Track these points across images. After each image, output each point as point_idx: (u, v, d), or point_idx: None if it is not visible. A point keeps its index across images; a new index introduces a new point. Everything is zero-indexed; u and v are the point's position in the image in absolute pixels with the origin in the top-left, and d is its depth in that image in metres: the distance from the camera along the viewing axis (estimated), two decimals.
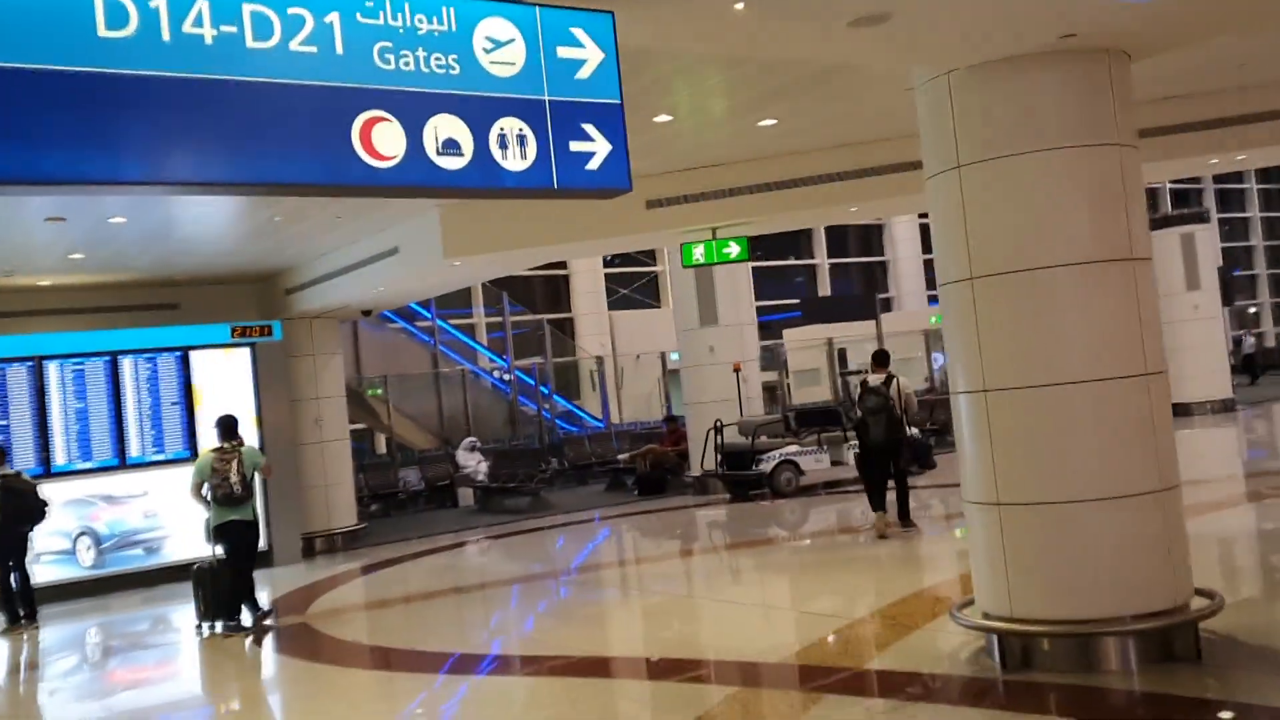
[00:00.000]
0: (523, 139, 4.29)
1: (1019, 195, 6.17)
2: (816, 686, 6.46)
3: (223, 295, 15.50)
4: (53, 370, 12.84)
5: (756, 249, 11.74)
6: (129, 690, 8.60)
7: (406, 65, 4.09)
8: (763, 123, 9.34)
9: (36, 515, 10.77)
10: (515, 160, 4.27)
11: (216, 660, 9.25)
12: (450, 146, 4.15)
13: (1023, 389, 6.16)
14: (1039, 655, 6.16)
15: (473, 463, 18.42)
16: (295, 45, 3.88)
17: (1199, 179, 38.20)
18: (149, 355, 13.33)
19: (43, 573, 12.03)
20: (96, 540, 12.85)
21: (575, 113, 4.40)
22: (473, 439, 19.19)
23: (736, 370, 15.99)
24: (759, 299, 19.47)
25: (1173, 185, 38.13)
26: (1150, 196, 34.37)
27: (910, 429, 11.25)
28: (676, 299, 16.88)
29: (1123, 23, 5.63)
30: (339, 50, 3.96)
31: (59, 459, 12.76)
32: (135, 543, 13.10)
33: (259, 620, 9.79)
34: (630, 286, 28.82)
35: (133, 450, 13.13)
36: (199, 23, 3.71)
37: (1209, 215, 25.81)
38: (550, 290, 27.80)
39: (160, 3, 3.63)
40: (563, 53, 4.40)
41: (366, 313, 16.67)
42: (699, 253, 11.34)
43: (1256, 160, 14.72)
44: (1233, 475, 14.38)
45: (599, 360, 24.11)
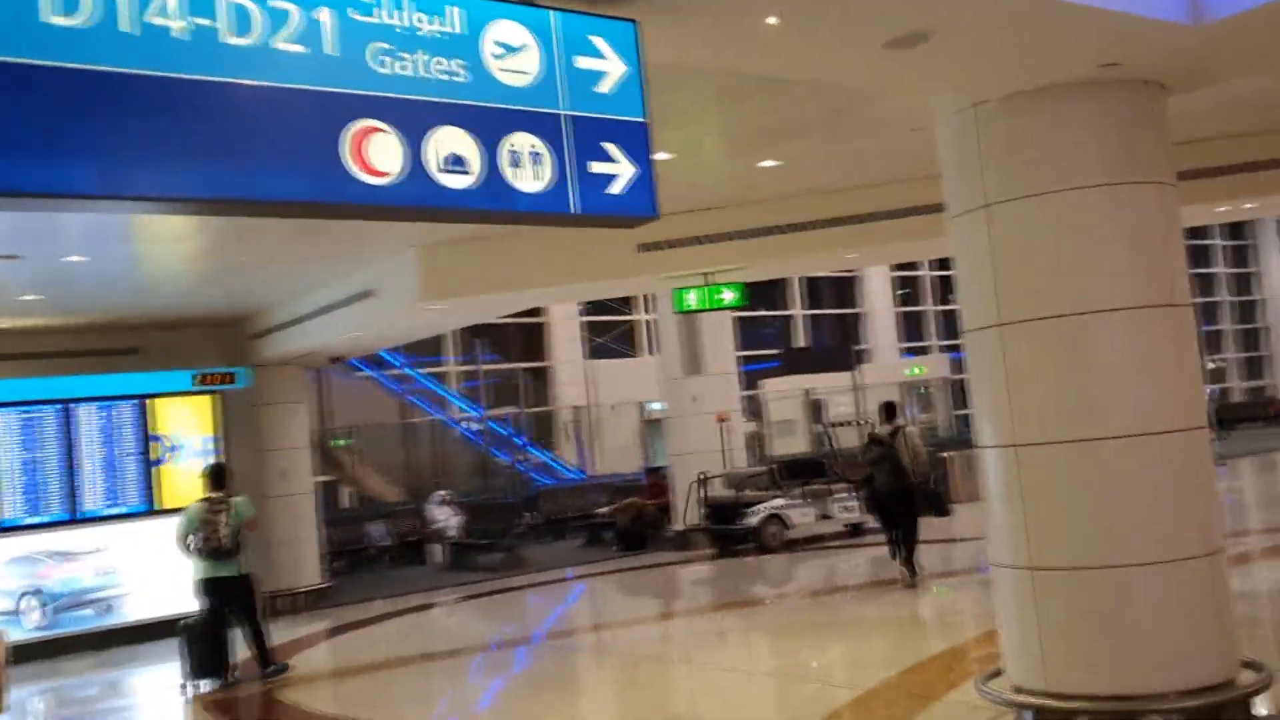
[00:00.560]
0: (537, 157, 3.79)
1: (1053, 235, 5.74)
2: None
3: (185, 340, 14.81)
4: None
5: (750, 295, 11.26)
6: None
7: (405, 70, 3.59)
8: (764, 163, 8.91)
9: None
10: (529, 181, 3.76)
11: None
12: (455, 163, 3.64)
13: (1057, 444, 5.68)
14: None
15: (443, 517, 17.76)
16: (279, 43, 3.37)
17: None
18: (105, 403, 12.65)
19: None
20: (45, 599, 12.07)
21: (596, 130, 3.91)
22: (444, 492, 18.54)
23: (721, 420, 15.51)
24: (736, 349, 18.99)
25: None
26: None
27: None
28: (661, 347, 16.42)
29: (1171, 50, 5.23)
30: (329, 50, 3.45)
31: (3, 513, 12.01)
32: (88, 602, 12.31)
33: (269, 676, 9.35)
34: (607, 335, 28.33)
35: (86, 504, 12.40)
36: (165, 12, 3.19)
37: None
38: (526, 338, 27.25)
39: None
40: (581, 63, 3.91)
41: (335, 360, 16.07)
42: (692, 298, 10.85)
43: (1267, 209, 14.49)
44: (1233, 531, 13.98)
45: (576, 410, 23.52)
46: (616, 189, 3.93)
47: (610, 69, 3.97)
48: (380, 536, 18.11)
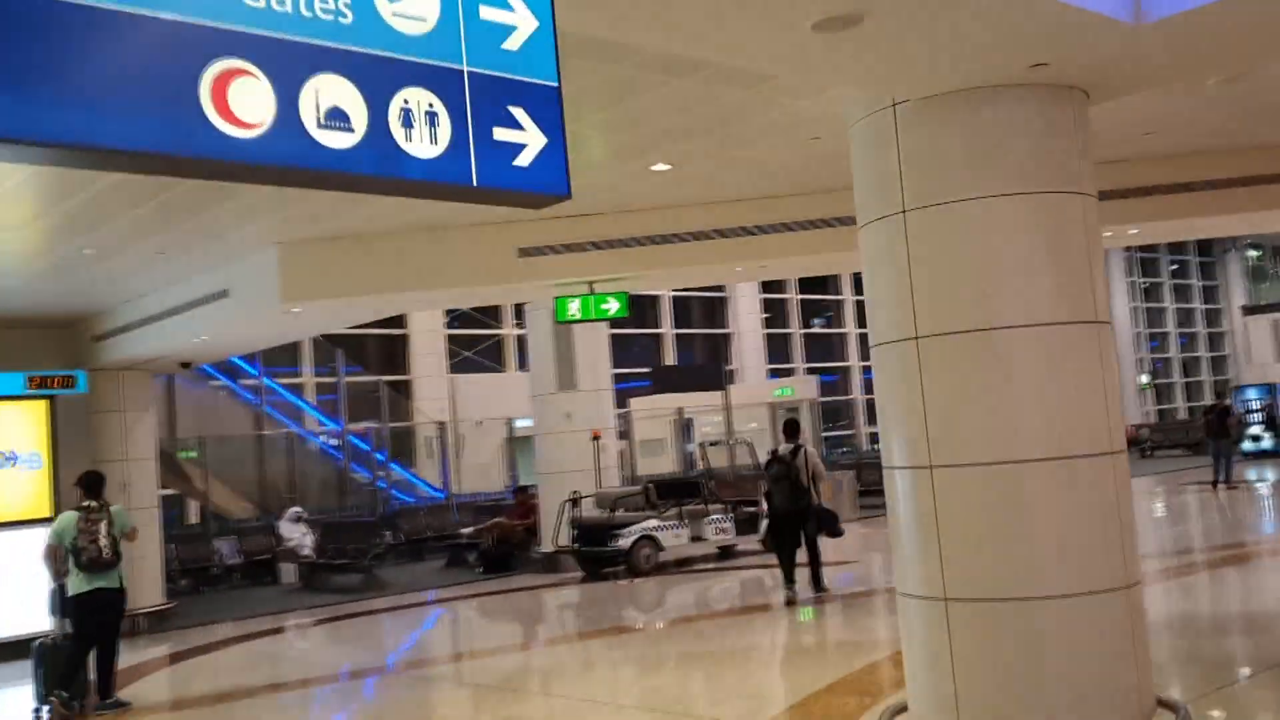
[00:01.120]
0: (433, 118, 3.23)
1: (975, 245, 5.43)
2: None
3: (18, 340, 13.63)
4: None
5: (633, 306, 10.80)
6: None
7: (282, 5, 3.00)
8: (656, 167, 8.47)
9: None
10: (423, 145, 3.20)
11: None
12: (337, 118, 3.06)
13: (977, 466, 5.36)
14: None
15: (297, 535, 16.81)
16: None
17: None
18: None
19: None
20: None
21: (501, 91, 3.38)
22: (298, 509, 17.57)
23: (595, 438, 15.00)
24: None
25: None
26: None
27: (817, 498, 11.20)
28: (532, 361, 15.82)
29: (1106, 50, 4.97)
30: None
31: None
32: None
33: (104, 709, 8.51)
34: (473, 349, 27.56)
35: None
36: None
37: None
38: (387, 350, 26.30)
39: None
40: (487, 14, 3.38)
41: (186, 365, 15.02)
42: (575, 308, 10.32)
43: (1148, 236, 14.73)
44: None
45: (440, 426, 22.68)
46: (524, 160, 3.40)
47: (520, 23, 3.44)
48: (229, 554, 17.05)
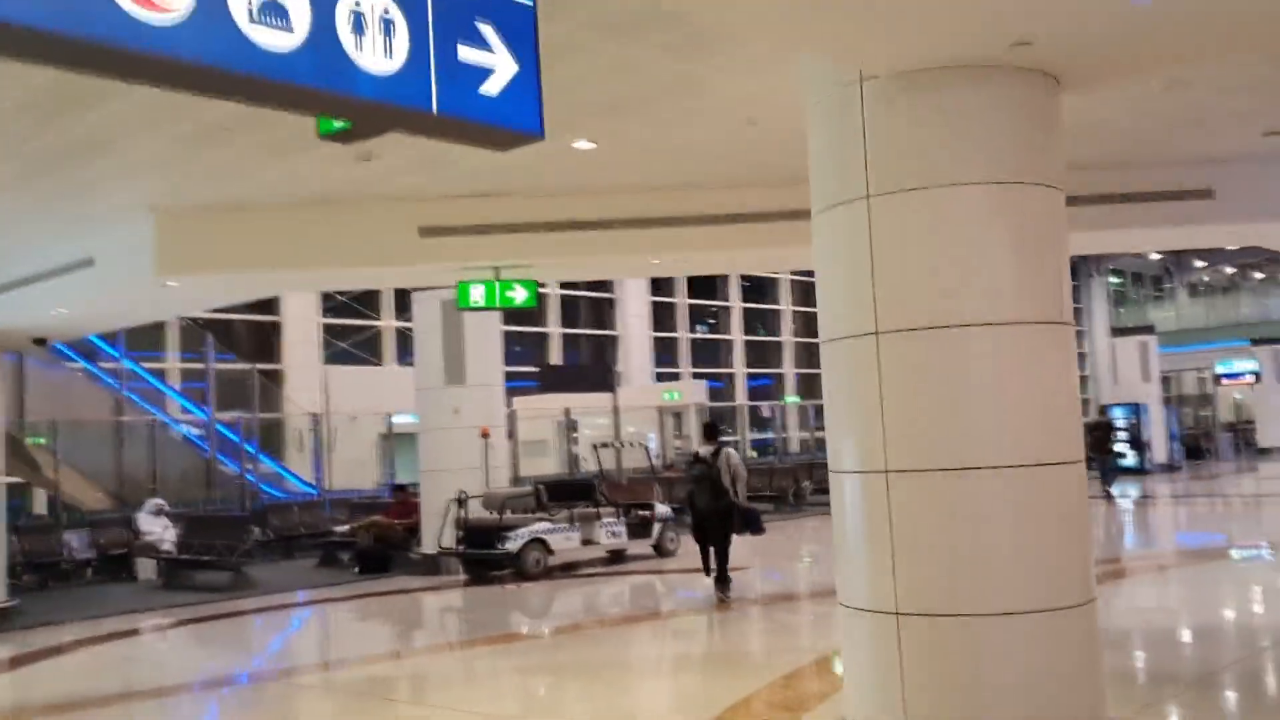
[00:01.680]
0: (389, 26, 2.66)
1: (943, 236, 5.05)
2: None
3: None
4: None
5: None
6: None
7: None
8: (578, 144, 7.91)
9: None
10: (375, 56, 2.62)
11: None
12: (273, 13, 2.47)
13: (936, 471, 4.96)
14: None
15: (158, 529, 15.69)
16: None
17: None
18: None
19: None
20: None
21: (468, 2, 2.80)
22: (159, 501, 16.42)
23: (484, 436, 14.34)
24: None
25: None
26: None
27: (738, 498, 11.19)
28: (417, 353, 15.07)
29: (1093, 27, 4.62)
30: None
31: None
32: None
33: None
34: (349, 341, 26.49)
35: None
36: None
37: None
38: (257, 338, 25.07)
39: None
40: None
41: (40, 342, 13.86)
42: (478, 294, 9.67)
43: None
44: None
45: (314, 418, 21.62)
46: (492, 89, 2.86)
47: None
48: (81, 548, 15.79)
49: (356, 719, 7.81)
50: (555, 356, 30.45)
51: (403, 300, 25.73)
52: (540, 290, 10.23)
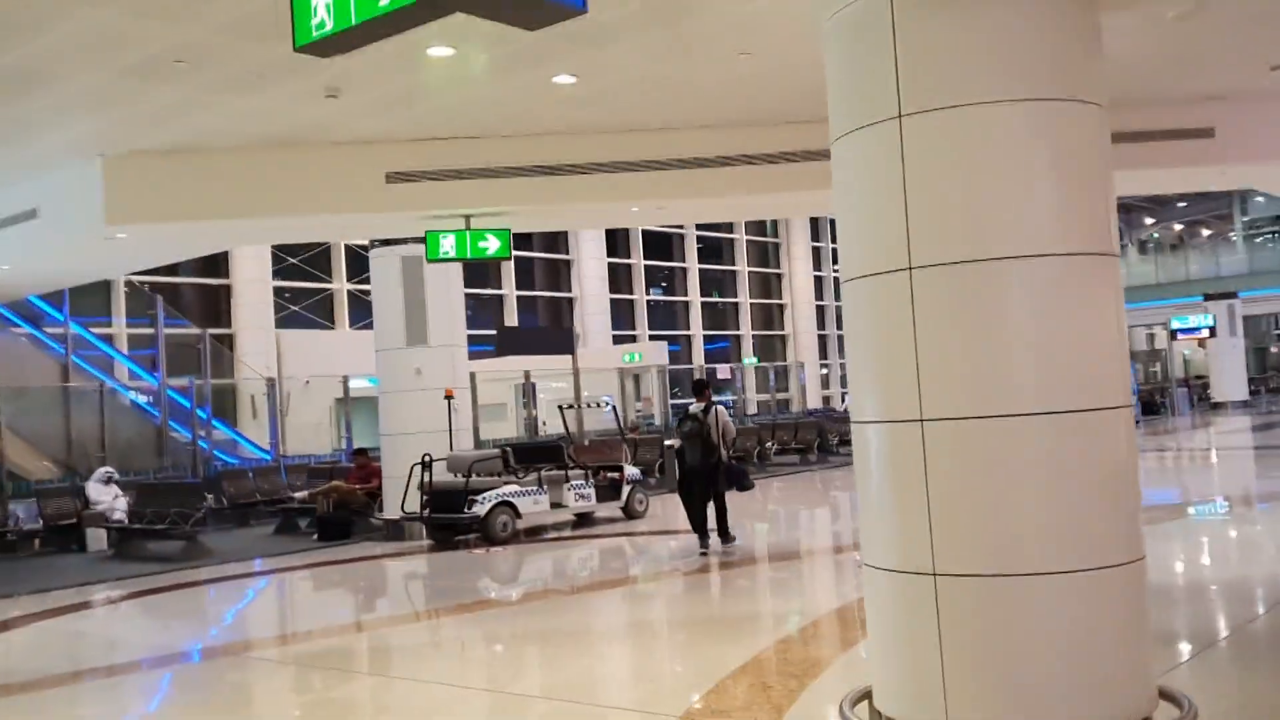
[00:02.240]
0: None
1: (992, 156, 4.60)
2: None
3: None
4: None
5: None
6: None
7: None
8: (558, 79, 7.38)
9: None
10: None
11: None
12: None
13: (979, 419, 4.55)
14: None
15: (108, 498, 15.07)
16: None
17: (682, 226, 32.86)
18: None
19: None
20: None
21: None
22: (109, 469, 15.78)
23: (449, 398, 13.83)
24: None
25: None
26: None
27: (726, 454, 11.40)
28: (377, 313, 14.50)
29: None
30: None
31: None
32: None
33: None
34: (301, 304, 25.76)
35: None
36: None
37: None
38: (208, 301, 24.30)
39: None
40: None
41: None
42: (448, 244, 9.12)
43: None
44: None
45: (270, 383, 20.95)
46: None
47: None
48: (27, 519, 15.13)
49: (316, 694, 7.34)
50: (511, 319, 29.90)
51: (356, 263, 25.05)
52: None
